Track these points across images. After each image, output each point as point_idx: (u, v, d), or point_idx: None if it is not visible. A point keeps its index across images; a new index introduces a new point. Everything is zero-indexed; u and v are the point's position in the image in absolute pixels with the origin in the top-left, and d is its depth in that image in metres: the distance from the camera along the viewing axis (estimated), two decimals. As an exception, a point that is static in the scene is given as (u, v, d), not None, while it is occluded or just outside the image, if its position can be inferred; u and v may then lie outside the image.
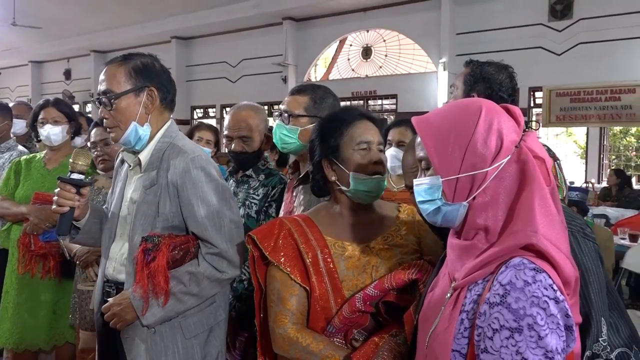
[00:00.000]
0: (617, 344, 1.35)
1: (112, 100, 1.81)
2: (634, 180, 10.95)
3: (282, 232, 1.58)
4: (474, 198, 1.07)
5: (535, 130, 11.30)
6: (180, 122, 14.58)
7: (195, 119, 15.75)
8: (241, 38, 14.88)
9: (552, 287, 0.96)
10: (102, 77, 1.86)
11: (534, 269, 0.97)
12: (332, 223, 1.62)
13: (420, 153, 1.16)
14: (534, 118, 11.64)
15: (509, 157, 1.06)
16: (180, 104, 16.49)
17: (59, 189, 1.80)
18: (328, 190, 1.68)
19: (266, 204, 2.39)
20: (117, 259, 1.91)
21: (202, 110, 16.22)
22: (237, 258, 1.85)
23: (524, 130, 1.12)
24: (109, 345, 1.93)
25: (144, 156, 1.88)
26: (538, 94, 11.08)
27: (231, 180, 2.57)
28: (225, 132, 2.53)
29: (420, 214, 1.23)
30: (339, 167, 1.59)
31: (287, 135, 2.07)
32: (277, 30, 14.09)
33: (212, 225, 1.81)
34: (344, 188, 1.59)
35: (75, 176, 1.81)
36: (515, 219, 1.03)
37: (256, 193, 2.42)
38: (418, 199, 1.14)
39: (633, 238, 5.06)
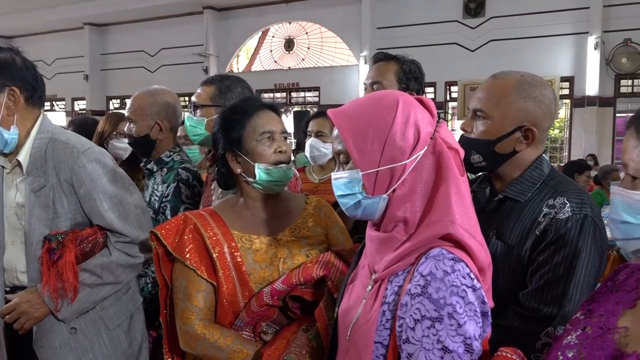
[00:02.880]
0: None
1: None
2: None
3: (187, 227, 1.53)
4: (393, 191, 1.08)
5: (449, 121, 11.77)
6: (95, 113, 13.97)
7: (112, 110, 15.12)
8: (160, 26, 14.43)
9: (469, 276, 0.99)
10: None
11: (453, 259, 1.00)
12: (239, 216, 1.59)
13: (338, 146, 1.15)
14: (450, 111, 12.12)
15: (426, 148, 1.08)
16: (95, 94, 15.84)
17: None
18: (235, 183, 1.64)
19: (162, 205, 2.20)
20: (16, 267, 1.79)
21: (118, 100, 15.58)
22: (149, 241, 1.77)
23: (437, 122, 1.15)
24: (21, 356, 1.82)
25: (23, 157, 1.75)
26: (454, 88, 11.54)
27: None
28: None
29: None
30: (244, 159, 1.56)
31: (194, 126, 2.07)
32: (197, 19, 13.77)
33: (118, 217, 1.77)
34: (250, 179, 1.56)
35: None
36: (433, 209, 1.05)
37: (157, 189, 2.26)
38: (337, 193, 1.13)
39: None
